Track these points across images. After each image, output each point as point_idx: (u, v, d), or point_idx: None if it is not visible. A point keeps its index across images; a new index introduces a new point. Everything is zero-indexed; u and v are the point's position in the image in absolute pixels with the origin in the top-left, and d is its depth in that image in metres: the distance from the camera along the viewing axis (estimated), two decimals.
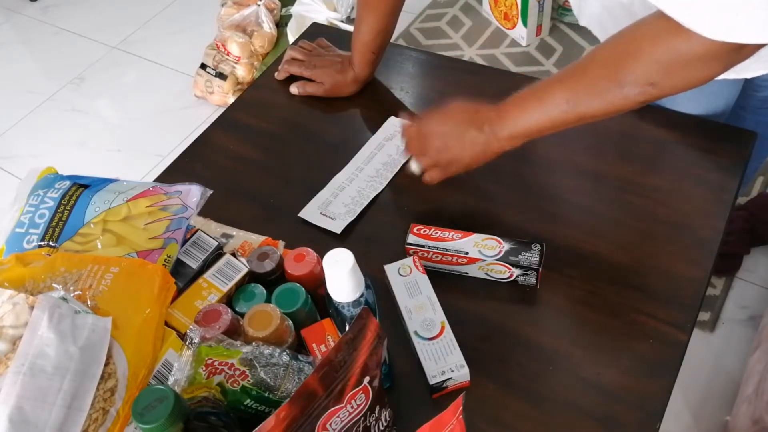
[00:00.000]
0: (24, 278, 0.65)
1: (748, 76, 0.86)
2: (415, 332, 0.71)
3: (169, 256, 0.71)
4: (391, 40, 1.00)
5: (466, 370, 0.68)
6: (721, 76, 0.86)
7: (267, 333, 0.63)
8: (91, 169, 0.82)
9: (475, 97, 1.01)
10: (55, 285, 0.64)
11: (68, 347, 0.57)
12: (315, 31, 1.16)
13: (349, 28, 1.14)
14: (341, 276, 0.56)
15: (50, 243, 0.70)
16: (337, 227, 0.86)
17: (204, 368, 0.59)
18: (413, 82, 1.05)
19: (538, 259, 0.75)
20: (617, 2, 0.85)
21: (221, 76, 2.07)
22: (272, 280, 0.72)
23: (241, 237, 0.79)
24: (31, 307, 0.58)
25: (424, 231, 0.78)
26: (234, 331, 0.65)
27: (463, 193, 0.89)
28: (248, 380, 0.59)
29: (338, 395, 0.52)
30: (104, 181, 0.76)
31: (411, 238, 0.78)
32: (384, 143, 0.95)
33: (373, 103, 1.02)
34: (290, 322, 0.66)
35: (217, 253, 0.74)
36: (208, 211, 0.79)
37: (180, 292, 0.70)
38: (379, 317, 0.61)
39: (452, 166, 0.82)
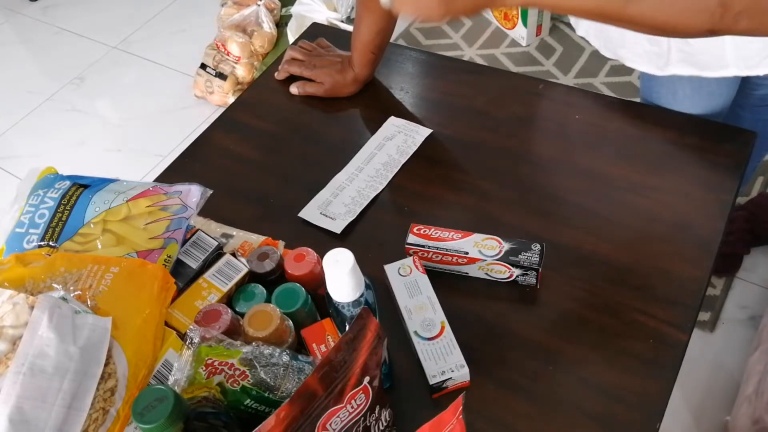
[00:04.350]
0: (24, 278, 0.64)
1: (761, 73, 0.86)
2: (415, 332, 0.71)
3: (169, 256, 0.71)
4: (391, 40, 1.00)
5: (466, 370, 0.68)
6: (734, 73, 0.86)
7: (267, 333, 0.63)
8: (91, 169, 0.82)
9: (475, 97, 1.01)
10: (55, 285, 0.64)
11: (68, 347, 0.57)
12: (315, 31, 1.16)
13: (349, 28, 1.14)
14: (341, 276, 0.56)
15: (50, 243, 0.70)
16: (337, 227, 0.86)
17: (204, 368, 0.59)
18: (413, 82, 1.05)
19: (538, 259, 0.75)
20: None
21: (221, 76, 2.07)
22: (272, 280, 0.72)
23: (241, 237, 0.79)
24: (31, 307, 0.58)
25: (424, 231, 0.78)
26: (234, 331, 0.65)
27: (463, 193, 0.89)
28: (248, 380, 0.59)
29: (338, 395, 0.52)
30: (104, 181, 0.76)
31: (411, 238, 0.78)
32: (384, 143, 0.95)
33: (373, 103, 1.02)
34: (290, 322, 0.66)
35: (217, 253, 0.74)
36: (208, 211, 0.79)
37: (180, 292, 0.70)
38: (379, 317, 0.61)
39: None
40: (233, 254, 0.74)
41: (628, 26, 0.60)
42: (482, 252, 0.76)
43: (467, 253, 0.76)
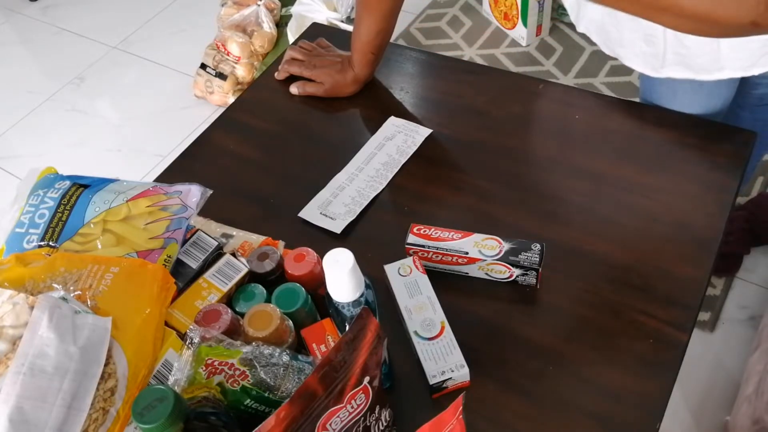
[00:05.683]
0: (24, 278, 0.64)
1: (756, 73, 0.86)
2: (415, 332, 0.71)
3: (169, 256, 0.71)
4: (391, 40, 1.00)
5: (466, 370, 0.68)
6: (729, 75, 0.86)
7: (267, 333, 0.63)
8: (91, 169, 0.82)
9: (475, 97, 1.01)
10: (55, 285, 0.64)
11: (68, 347, 0.57)
12: (315, 31, 1.16)
13: (349, 28, 1.14)
14: (341, 276, 0.56)
15: (50, 243, 0.70)
16: (337, 227, 0.86)
17: (204, 368, 0.59)
18: (413, 82, 1.05)
19: (538, 259, 0.75)
20: None
21: (221, 76, 2.07)
22: (272, 280, 0.72)
23: (241, 237, 0.79)
24: (31, 307, 0.58)
25: (424, 231, 0.78)
26: (234, 331, 0.65)
27: (463, 193, 0.89)
28: (248, 380, 0.59)
29: (338, 395, 0.52)
30: (104, 181, 0.76)
31: (411, 238, 0.78)
32: (384, 143, 0.95)
33: (373, 103, 1.02)
34: (290, 322, 0.66)
35: (217, 253, 0.74)
36: (208, 211, 0.79)
37: (180, 292, 0.70)
38: (379, 317, 0.61)
39: None
40: (233, 254, 0.74)
41: (665, 16, 0.57)
42: (482, 252, 0.76)
43: (467, 253, 0.76)
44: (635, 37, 0.88)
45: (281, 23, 2.19)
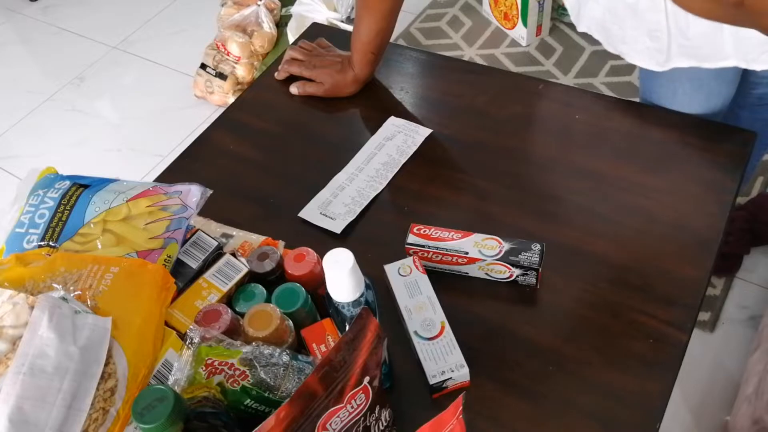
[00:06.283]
0: (24, 278, 0.65)
1: (759, 68, 0.86)
2: (415, 332, 0.71)
3: (169, 256, 0.71)
4: (391, 40, 1.00)
5: (466, 370, 0.68)
6: (734, 64, 0.85)
7: (267, 333, 0.63)
8: (91, 169, 0.82)
9: (475, 97, 1.01)
10: (55, 285, 0.64)
11: (68, 347, 0.57)
12: (315, 31, 1.16)
13: (349, 28, 1.14)
14: (341, 276, 0.56)
15: (50, 243, 0.70)
16: (337, 227, 0.86)
17: (204, 368, 0.59)
18: (413, 82, 1.05)
19: (538, 259, 0.75)
20: (621, 2, 0.85)
21: (221, 76, 2.07)
22: (272, 280, 0.72)
23: (241, 237, 0.79)
24: (31, 307, 0.58)
25: (424, 231, 0.78)
26: (234, 331, 0.65)
27: (463, 193, 0.89)
28: (248, 380, 0.59)
29: (338, 395, 0.52)
30: (104, 181, 0.76)
31: (411, 238, 0.78)
32: (384, 143, 0.95)
33: (373, 103, 1.02)
34: (290, 322, 0.67)
35: (217, 253, 0.74)
36: (208, 211, 0.79)
37: (180, 292, 0.70)
38: (379, 317, 0.61)
39: None
40: (233, 254, 0.74)
41: None
42: (482, 252, 0.76)
43: (467, 253, 0.76)
44: (638, 34, 0.88)
45: (281, 23, 2.19)
